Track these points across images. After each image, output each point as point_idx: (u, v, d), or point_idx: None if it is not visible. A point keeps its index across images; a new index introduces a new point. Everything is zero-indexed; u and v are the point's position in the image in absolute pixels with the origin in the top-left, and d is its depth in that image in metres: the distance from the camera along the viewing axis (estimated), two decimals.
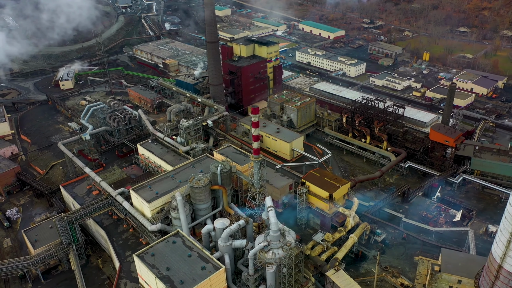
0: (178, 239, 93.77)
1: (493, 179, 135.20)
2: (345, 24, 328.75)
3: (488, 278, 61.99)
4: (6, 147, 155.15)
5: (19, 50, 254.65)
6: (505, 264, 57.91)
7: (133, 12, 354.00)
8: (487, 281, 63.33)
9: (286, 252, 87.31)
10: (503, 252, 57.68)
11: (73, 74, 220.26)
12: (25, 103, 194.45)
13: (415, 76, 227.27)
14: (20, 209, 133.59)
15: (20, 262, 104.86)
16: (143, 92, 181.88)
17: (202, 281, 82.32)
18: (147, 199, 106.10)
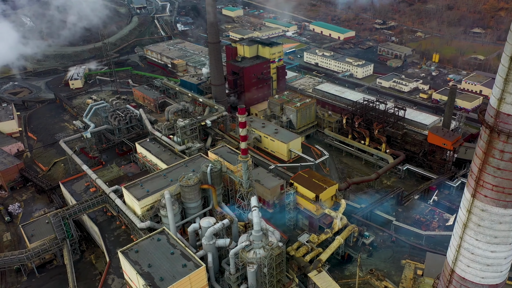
0: (163, 236, 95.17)
1: None
2: (357, 25, 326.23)
3: (443, 282, 61.07)
4: (13, 144, 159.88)
5: (33, 49, 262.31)
6: (456, 268, 57.01)
7: (147, 12, 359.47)
8: (442, 285, 62.35)
9: (267, 252, 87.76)
10: (454, 256, 56.78)
11: (83, 73, 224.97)
12: (35, 101, 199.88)
13: (423, 77, 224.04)
14: (22, 204, 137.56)
15: (15, 256, 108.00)
16: (147, 91, 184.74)
17: (181, 279, 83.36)
18: (138, 197, 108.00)
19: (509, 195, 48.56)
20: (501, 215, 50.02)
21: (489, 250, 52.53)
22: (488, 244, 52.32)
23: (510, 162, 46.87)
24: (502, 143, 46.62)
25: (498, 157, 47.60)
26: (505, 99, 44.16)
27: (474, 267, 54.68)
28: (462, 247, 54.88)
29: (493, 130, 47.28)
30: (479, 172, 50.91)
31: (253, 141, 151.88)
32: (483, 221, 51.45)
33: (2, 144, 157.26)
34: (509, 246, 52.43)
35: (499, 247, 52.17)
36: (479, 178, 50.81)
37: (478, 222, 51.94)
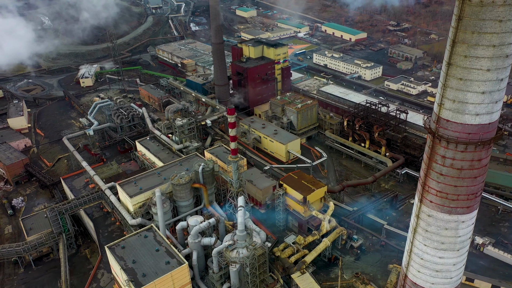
0: (150, 233, 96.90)
1: (494, 190, 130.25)
2: (371, 27, 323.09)
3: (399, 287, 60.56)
4: (20, 140, 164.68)
5: (49, 48, 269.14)
6: (409, 273, 56.44)
7: (162, 12, 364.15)
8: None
9: (250, 252, 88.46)
10: (407, 261, 56.24)
11: (94, 72, 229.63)
12: (45, 98, 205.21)
13: (433, 80, 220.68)
14: (25, 199, 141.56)
15: (13, 248, 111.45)
16: (152, 90, 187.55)
17: (163, 275, 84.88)
18: (130, 194, 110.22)
19: (453, 201, 48.07)
20: (446, 221, 49.52)
21: (437, 256, 52.01)
22: (436, 250, 51.84)
23: (452, 168, 46.47)
24: (443, 148, 46.23)
25: (440, 163, 47.19)
26: (444, 105, 43.82)
27: (424, 273, 54.21)
28: (413, 252, 54.49)
29: (434, 136, 46.98)
30: (424, 177, 50.58)
31: (253, 142, 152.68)
32: (430, 226, 50.97)
33: (10, 140, 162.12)
34: (457, 252, 51.85)
35: (446, 253, 51.63)
36: (424, 183, 50.47)
37: (426, 227, 51.50)
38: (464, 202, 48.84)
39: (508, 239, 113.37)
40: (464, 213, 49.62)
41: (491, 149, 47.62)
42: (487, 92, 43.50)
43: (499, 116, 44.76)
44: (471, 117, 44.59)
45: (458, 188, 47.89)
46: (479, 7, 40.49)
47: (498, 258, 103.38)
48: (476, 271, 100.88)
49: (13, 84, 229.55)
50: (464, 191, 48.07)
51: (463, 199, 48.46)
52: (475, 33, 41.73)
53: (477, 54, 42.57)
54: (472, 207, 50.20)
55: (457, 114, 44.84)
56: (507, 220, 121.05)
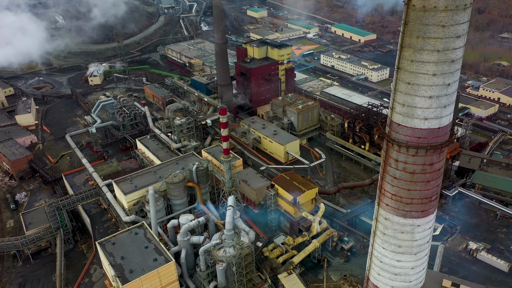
0: (140, 230, 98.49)
1: (495, 195, 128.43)
2: (381, 28, 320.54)
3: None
4: (27, 136, 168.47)
5: (61, 46, 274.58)
6: (370, 276, 56.22)
7: (174, 12, 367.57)
8: None
9: (237, 251, 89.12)
10: (368, 264, 56.01)
11: (103, 71, 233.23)
12: (53, 96, 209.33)
13: None
14: (28, 194, 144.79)
15: (11, 242, 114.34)
16: (156, 90, 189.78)
17: (149, 272, 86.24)
18: (125, 191, 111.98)
19: (407, 205, 47.81)
20: (402, 224, 49.27)
21: (395, 259, 51.77)
22: (393, 253, 51.61)
23: (404, 172, 46.28)
24: (395, 152, 46.10)
25: (394, 166, 47.04)
26: (395, 109, 43.69)
27: (384, 276, 54.01)
28: (373, 254, 54.32)
29: (387, 139, 46.97)
30: (381, 180, 50.50)
31: (252, 142, 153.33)
32: (387, 229, 50.79)
33: (16, 136, 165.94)
34: (414, 256, 51.51)
35: (404, 257, 51.35)
36: (381, 186, 50.37)
37: (383, 230, 51.33)
38: (419, 206, 48.63)
39: (504, 245, 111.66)
40: (419, 217, 49.41)
41: (444, 154, 47.39)
42: (434, 97, 43.34)
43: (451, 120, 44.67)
44: (420, 121, 44.49)
45: (412, 192, 47.75)
46: (422, 12, 40.37)
47: (490, 264, 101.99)
48: (467, 276, 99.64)
49: (24, 81, 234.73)
50: (417, 195, 47.92)
51: (417, 203, 48.26)
52: (420, 38, 41.66)
53: (423, 59, 42.48)
54: (428, 211, 49.91)
55: (406, 118, 44.80)
56: (505, 226, 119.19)
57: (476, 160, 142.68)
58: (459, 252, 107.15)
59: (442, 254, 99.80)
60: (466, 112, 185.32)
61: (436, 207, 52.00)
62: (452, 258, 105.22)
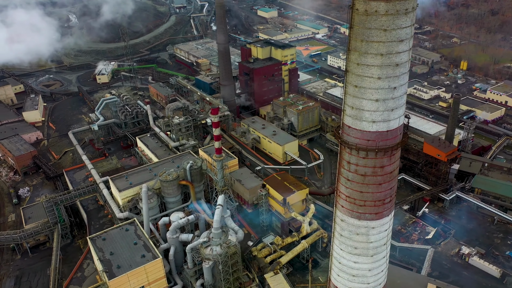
0: (131, 227, 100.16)
1: (494, 200, 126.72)
2: None
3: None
4: (32, 133, 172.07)
5: (71, 45, 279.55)
6: (331, 276, 56.23)
7: (186, 12, 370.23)
8: None
9: (223, 250, 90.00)
10: (329, 265, 56.03)
11: (111, 69, 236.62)
12: (61, 93, 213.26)
13: (447, 85, 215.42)
14: (31, 189, 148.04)
15: (10, 235, 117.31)
16: (160, 89, 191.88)
17: (136, 268, 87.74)
18: (120, 188, 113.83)
19: (360, 207, 47.80)
20: (357, 226, 49.27)
21: (352, 260, 51.74)
22: (350, 255, 51.61)
23: (356, 174, 46.32)
24: (347, 154, 46.19)
25: (346, 168, 47.12)
26: (346, 111, 43.81)
27: (342, 277, 54.01)
28: (333, 256, 54.40)
29: (339, 141, 47.21)
30: (336, 182, 50.62)
31: (252, 142, 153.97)
32: (343, 231, 50.85)
33: (23, 132, 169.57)
34: (371, 258, 51.38)
35: (360, 259, 51.28)
36: (337, 188, 50.49)
37: (340, 232, 51.41)
38: (372, 208, 48.60)
39: (500, 251, 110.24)
40: (373, 219, 49.35)
41: (395, 157, 47.21)
42: (380, 100, 43.34)
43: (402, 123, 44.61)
44: (368, 124, 44.54)
45: (364, 194, 47.78)
46: (365, 16, 40.45)
47: (482, 269, 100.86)
48: (458, 281, 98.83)
49: (35, 79, 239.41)
50: (370, 197, 47.89)
51: (370, 205, 48.24)
52: (364, 41, 41.75)
53: (367, 62, 42.57)
54: (382, 214, 49.82)
55: (356, 120, 44.89)
56: (502, 231, 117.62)
57: (477, 164, 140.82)
58: (451, 257, 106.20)
59: (432, 258, 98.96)
60: (472, 115, 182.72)
61: (392, 209, 51.93)
62: (443, 263, 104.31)
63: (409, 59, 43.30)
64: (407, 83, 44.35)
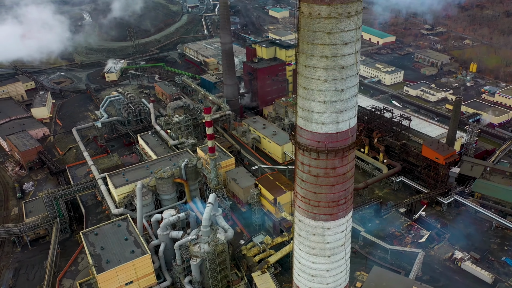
0: (124, 223, 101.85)
1: (494, 205, 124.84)
2: (404, 30, 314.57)
3: None
4: (39, 129, 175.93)
5: (84, 43, 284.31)
6: (293, 276, 56.25)
7: (198, 11, 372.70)
8: None
9: (211, 248, 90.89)
10: (292, 265, 56.10)
11: (120, 67, 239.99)
12: (70, 91, 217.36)
13: (455, 88, 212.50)
14: (35, 184, 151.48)
15: (10, 228, 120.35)
16: (165, 87, 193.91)
17: (124, 263, 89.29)
18: (116, 185, 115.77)
19: (315, 208, 47.86)
20: (313, 226, 49.30)
21: (310, 260, 51.77)
22: (308, 255, 51.66)
23: (309, 175, 46.39)
24: (301, 155, 46.32)
25: (301, 169, 47.29)
26: (298, 113, 43.97)
27: (303, 277, 54.09)
28: (294, 256, 54.55)
29: (293, 142, 47.49)
30: (293, 183, 50.82)
31: (252, 141, 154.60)
32: (301, 231, 50.97)
33: (30, 128, 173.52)
34: (328, 259, 51.31)
35: (318, 259, 51.28)
36: (294, 188, 50.67)
37: (299, 232, 51.57)
38: (326, 209, 48.62)
39: (496, 256, 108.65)
40: (328, 220, 49.38)
41: (347, 159, 47.02)
42: (328, 102, 43.39)
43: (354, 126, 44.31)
44: (318, 125, 44.64)
45: (318, 195, 47.89)
46: (309, 18, 40.53)
47: (474, 274, 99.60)
48: (448, 285, 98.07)
49: (46, 76, 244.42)
50: (324, 198, 47.94)
51: (324, 206, 48.30)
52: (310, 44, 41.84)
53: (314, 64, 42.64)
54: (336, 215, 49.77)
55: (306, 122, 45.02)
56: (499, 237, 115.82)
57: (478, 168, 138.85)
58: (443, 261, 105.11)
59: (421, 261, 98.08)
60: (478, 118, 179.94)
61: (348, 211, 51.83)
62: (435, 267, 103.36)
63: (357, 62, 43.36)
64: (356, 85, 44.46)
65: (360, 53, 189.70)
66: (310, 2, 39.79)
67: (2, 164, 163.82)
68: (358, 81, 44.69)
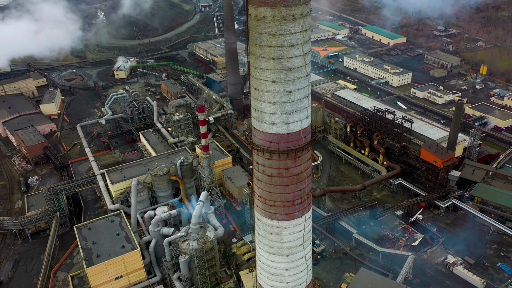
0: (117, 218, 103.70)
1: (494, 210, 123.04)
2: (416, 31, 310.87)
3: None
4: (47, 124, 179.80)
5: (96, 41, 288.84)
6: (256, 274, 56.39)
7: (210, 11, 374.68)
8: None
9: (199, 245, 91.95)
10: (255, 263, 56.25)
11: (129, 65, 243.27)
12: (79, 88, 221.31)
13: (464, 90, 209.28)
14: (40, 178, 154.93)
15: (11, 221, 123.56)
16: (171, 85, 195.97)
17: (114, 258, 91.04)
18: (113, 181, 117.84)
19: (271, 207, 48.05)
20: (270, 225, 49.49)
21: (270, 259, 51.99)
22: (268, 253, 51.87)
23: (264, 175, 46.62)
24: (256, 155, 46.59)
25: (256, 169, 47.55)
26: (252, 114, 44.24)
27: (263, 275, 54.34)
28: (256, 254, 54.79)
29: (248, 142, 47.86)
30: (252, 182, 51.14)
31: None
32: (260, 230, 51.24)
33: (38, 124, 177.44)
34: (286, 258, 51.42)
35: (276, 258, 51.45)
36: (252, 187, 50.99)
37: (258, 230, 51.86)
38: (282, 209, 48.84)
39: (491, 262, 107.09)
40: (284, 220, 49.56)
41: (301, 160, 46.98)
42: (277, 103, 43.57)
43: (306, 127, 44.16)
44: (269, 126, 44.88)
45: (273, 195, 48.16)
46: (256, 21, 40.81)
47: (466, 279, 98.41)
48: None
49: (58, 73, 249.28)
50: (279, 198, 48.15)
51: (280, 205, 48.50)
52: (258, 45, 42.08)
53: (262, 66, 42.87)
54: (292, 215, 49.88)
55: (259, 122, 45.28)
56: (497, 242, 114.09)
57: (480, 172, 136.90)
58: (435, 265, 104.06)
59: (411, 264, 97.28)
60: (484, 121, 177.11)
61: (305, 211, 51.89)
62: (427, 270, 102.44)
63: (306, 64, 43.50)
64: (306, 87, 44.59)
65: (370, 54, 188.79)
66: (256, 4, 40.30)
67: (10, 158, 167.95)
68: (308, 82, 44.96)
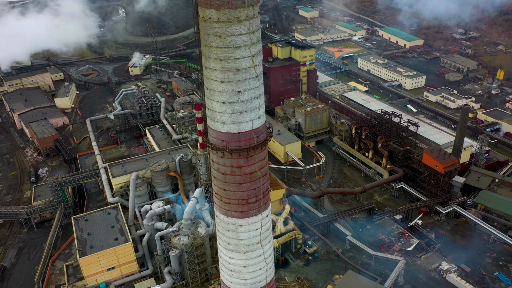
0: (113, 211, 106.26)
1: (497, 218, 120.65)
2: (435, 34, 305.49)
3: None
4: (60, 118, 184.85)
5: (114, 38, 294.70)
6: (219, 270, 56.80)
7: None
8: None
9: (190, 241, 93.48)
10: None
11: (144, 62, 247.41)
12: (94, 83, 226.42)
13: (479, 95, 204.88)
14: (50, 169, 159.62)
15: (18, 210, 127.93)
16: (181, 83, 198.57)
17: (107, 249, 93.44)
18: (114, 175, 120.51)
19: (226, 204, 48.45)
20: (226, 222, 49.92)
21: (228, 256, 52.41)
22: (226, 250, 52.33)
23: (219, 172, 47.06)
24: (211, 153, 47.11)
25: (212, 166, 48.06)
26: (207, 113, 44.85)
27: (224, 271, 54.83)
28: (218, 250, 55.34)
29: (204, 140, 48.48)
30: (210, 180, 51.69)
31: None
32: (218, 226, 51.76)
33: (51, 117, 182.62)
34: (244, 255, 51.70)
35: (234, 254, 51.84)
36: (210, 185, 51.55)
37: (217, 227, 52.40)
38: (237, 207, 49.24)
39: (488, 271, 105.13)
40: (239, 217, 49.97)
41: (254, 159, 47.17)
42: (227, 103, 44.04)
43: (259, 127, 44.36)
44: (220, 125, 45.40)
45: (227, 192, 48.61)
46: (203, 22, 41.35)
47: (458, 287, 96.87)
48: None
49: (76, 68, 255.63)
50: (233, 196, 48.59)
51: (234, 203, 48.91)
52: (206, 46, 42.61)
53: (211, 66, 43.40)
54: (247, 213, 50.17)
55: (212, 121, 45.88)
56: (496, 251, 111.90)
57: (486, 179, 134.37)
58: (429, 271, 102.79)
59: (402, 269, 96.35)
60: (497, 127, 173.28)
61: (261, 210, 52.13)
62: (419, 276, 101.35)
63: (255, 65, 43.89)
64: (256, 88, 45.42)
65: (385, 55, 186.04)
66: (203, 6, 41.12)
67: (23, 150, 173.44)
68: (259, 83, 45.49)
